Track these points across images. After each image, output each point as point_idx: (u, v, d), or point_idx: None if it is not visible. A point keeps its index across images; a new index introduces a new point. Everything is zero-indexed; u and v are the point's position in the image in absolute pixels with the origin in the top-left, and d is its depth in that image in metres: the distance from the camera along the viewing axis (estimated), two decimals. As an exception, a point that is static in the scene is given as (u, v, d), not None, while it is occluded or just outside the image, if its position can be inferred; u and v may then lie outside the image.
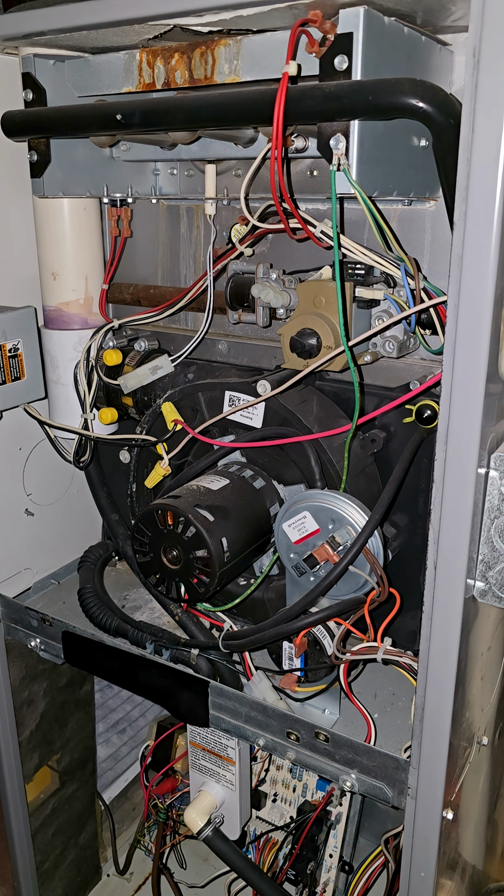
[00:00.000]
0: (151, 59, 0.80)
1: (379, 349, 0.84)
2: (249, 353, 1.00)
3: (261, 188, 0.92)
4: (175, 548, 0.84)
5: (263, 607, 0.98)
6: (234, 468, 0.93)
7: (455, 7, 0.69)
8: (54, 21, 0.77)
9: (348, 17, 0.64)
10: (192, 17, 0.70)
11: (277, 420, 0.89)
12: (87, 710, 1.35)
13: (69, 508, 1.22)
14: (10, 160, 0.98)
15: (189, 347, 0.99)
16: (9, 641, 1.14)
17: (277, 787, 1.22)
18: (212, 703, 0.92)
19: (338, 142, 0.66)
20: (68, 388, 1.04)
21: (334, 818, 1.16)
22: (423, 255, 0.88)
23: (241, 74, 0.76)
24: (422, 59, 0.76)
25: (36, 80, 0.86)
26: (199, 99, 0.74)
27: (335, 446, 0.87)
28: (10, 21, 0.81)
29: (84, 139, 0.92)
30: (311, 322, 0.81)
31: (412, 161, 0.77)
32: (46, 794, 1.29)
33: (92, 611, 1.05)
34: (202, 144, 0.92)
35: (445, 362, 0.62)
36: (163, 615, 1.09)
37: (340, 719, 0.91)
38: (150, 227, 1.10)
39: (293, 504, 0.82)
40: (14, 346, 0.98)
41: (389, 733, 0.89)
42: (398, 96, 0.62)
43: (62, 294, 1.01)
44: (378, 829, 1.28)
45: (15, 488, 1.12)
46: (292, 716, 0.86)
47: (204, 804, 1.05)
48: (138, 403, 1.01)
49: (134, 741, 1.58)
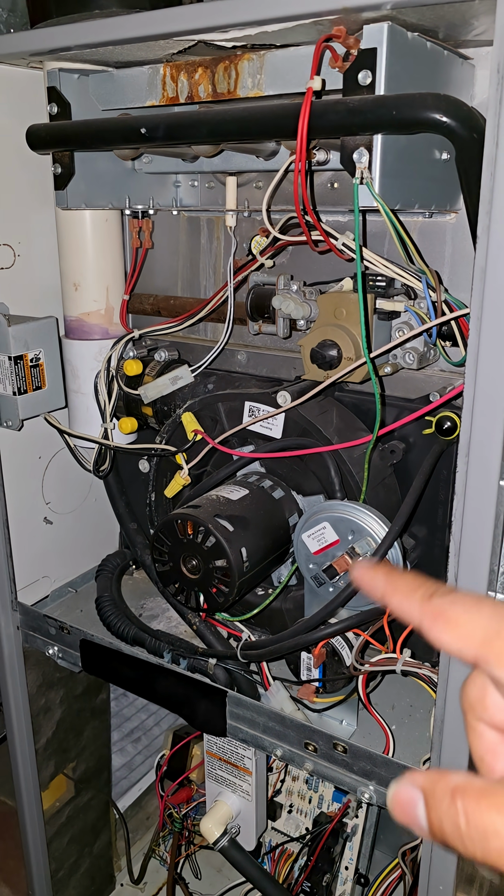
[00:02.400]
0: (175, 73, 0.81)
1: (399, 360, 0.84)
2: (268, 364, 1.00)
3: (282, 200, 0.93)
4: (194, 557, 0.84)
5: (281, 617, 0.98)
6: (254, 478, 0.94)
7: (478, 22, 0.70)
8: (81, 36, 0.78)
9: (372, 33, 0.65)
10: (217, 33, 0.71)
11: (297, 431, 0.90)
12: (103, 718, 1.35)
13: (87, 517, 1.23)
14: (32, 172, 1.00)
15: (209, 358, 0.99)
16: (26, 649, 1.14)
17: (293, 798, 1.22)
18: (229, 712, 0.92)
19: (361, 155, 0.67)
20: (88, 397, 1.04)
21: (350, 830, 1.15)
22: (443, 268, 0.89)
23: (263, 89, 0.76)
24: (444, 74, 0.76)
25: (61, 94, 0.87)
26: (223, 113, 0.74)
27: (355, 457, 0.87)
28: (38, 37, 0.82)
29: (107, 152, 0.93)
30: (332, 333, 0.82)
31: (433, 174, 0.77)
32: (62, 803, 1.30)
33: (109, 619, 1.06)
34: (224, 157, 0.93)
35: (468, 374, 0.63)
36: (180, 624, 1.09)
37: (358, 730, 0.91)
38: (171, 239, 1.11)
39: (313, 515, 0.83)
40: (36, 355, 0.99)
41: (407, 745, 0.88)
42: (422, 111, 0.63)
43: (83, 304, 1.02)
44: (393, 841, 1.27)
45: (34, 497, 1.13)
46: (310, 726, 0.86)
47: (220, 814, 1.05)
48: (158, 413, 1.02)
49: (148, 750, 1.58)
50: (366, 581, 0.35)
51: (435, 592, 0.31)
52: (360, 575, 0.35)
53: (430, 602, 0.31)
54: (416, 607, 0.32)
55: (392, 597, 0.33)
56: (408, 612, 0.32)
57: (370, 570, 0.35)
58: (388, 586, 0.33)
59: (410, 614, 0.32)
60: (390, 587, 0.33)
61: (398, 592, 0.33)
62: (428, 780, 0.29)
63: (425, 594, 0.32)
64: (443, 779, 0.28)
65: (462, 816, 0.27)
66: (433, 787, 0.28)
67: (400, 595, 0.33)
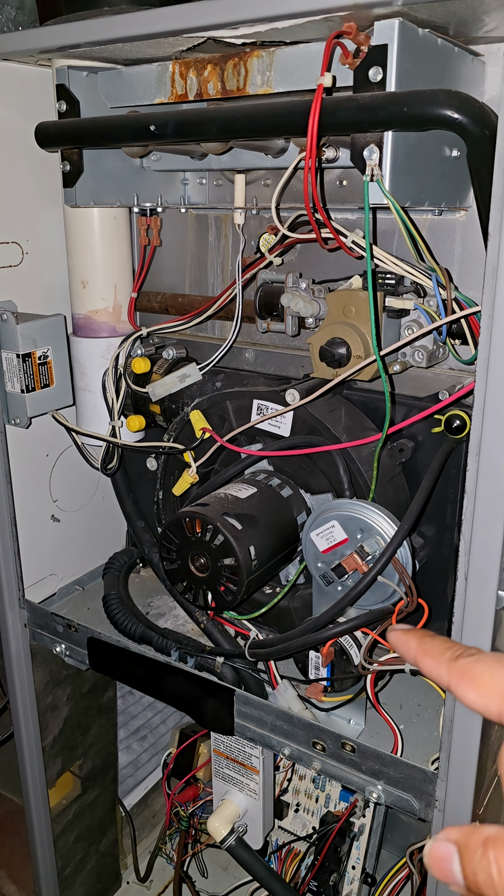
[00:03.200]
0: (184, 70, 0.81)
1: (408, 359, 0.84)
2: (276, 362, 1.00)
3: (290, 198, 0.93)
4: (203, 555, 0.84)
5: (289, 616, 0.98)
6: (262, 476, 0.93)
7: (489, 18, 0.69)
8: (90, 34, 0.78)
9: (383, 29, 0.64)
10: (227, 30, 0.71)
11: (306, 429, 0.89)
12: (110, 716, 1.35)
13: (94, 515, 1.23)
14: (40, 170, 1.00)
15: (217, 356, 0.99)
16: (34, 647, 1.14)
17: (300, 798, 1.22)
18: (237, 711, 0.91)
19: (371, 152, 0.67)
20: (96, 395, 1.04)
21: (357, 829, 1.15)
22: (452, 265, 0.88)
23: (273, 86, 0.76)
24: (454, 70, 0.76)
25: (70, 92, 0.87)
26: (234, 110, 0.74)
27: (363, 455, 0.87)
28: (48, 34, 0.82)
29: (115, 149, 0.93)
30: (341, 331, 0.81)
31: (443, 171, 0.77)
32: (68, 800, 1.30)
33: (117, 617, 1.06)
34: (233, 155, 0.92)
35: (479, 372, 0.62)
36: (187, 622, 1.09)
37: (366, 730, 0.90)
38: (179, 237, 1.11)
39: (322, 513, 0.82)
40: (44, 353, 0.99)
41: (416, 744, 0.88)
42: (433, 107, 0.63)
43: (91, 302, 1.02)
44: (400, 841, 1.27)
45: (42, 495, 1.13)
46: (318, 725, 0.85)
47: (227, 813, 1.05)
48: (166, 411, 1.02)
49: (155, 748, 1.59)
50: (400, 644, 0.38)
51: (462, 654, 0.34)
52: (395, 638, 0.39)
53: (456, 663, 0.34)
54: (444, 668, 0.35)
55: (423, 660, 0.37)
56: (436, 674, 0.35)
57: (404, 634, 0.38)
58: (419, 650, 0.37)
59: (439, 675, 0.35)
60: (421, 650, 0.37)
61: (428, 656, 0.36)
62: (462, 833, 0.30)
63: (452, 656, 0.35)
64: (476, 831, 0.29)
65: (494, 866, 0.28)
66: (467, 841, 0.29)
67: (430, 658, 0.36)
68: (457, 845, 0.30)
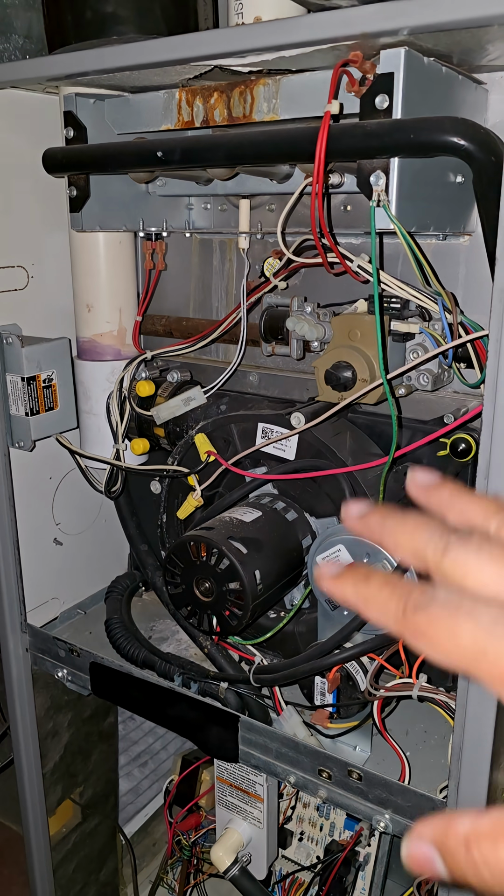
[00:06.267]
0: (190, 97, 0.82)
1: (414, 382, 0.84)
2: (281, 385, 1.00)
3: (294, 223, 0.93)
4: (208, 580, 0.83)
5: (294, 640, 0.97)
6: (266, 500, 0.93)
7: (493, 47, 0.70)
8: (99, 62, 0.79)
9: (389, 58, 0.65)
10: (234, 59, 0.72)
11: (311, 452, 0.89)
12: (111, 742, 1.33)
13: (97, 538, 1.22)
14: (46, 195, 1.01)
15: (222, 379, 0.99)
16: (35, 672, 1.13)
17: (304, 826, 1.20)
18: (241, 738, 0.90)
19: (378, 178, 0.67)
20: (100, 418, 1.04)
21: (363, 859, 1.13)
22: (457, 289, 0.89)
23: (279, 113, 0.77)
24: (458, 98, 0.77)
25: (77, 118, 0.88)
26: (240, 137, 0.75)
27: (369, 479, 0.86)
28: (57, 62, 0.83)
29: (122, 175, 0.94)
30: (347, 355, 0.81)
31: (448, 197, 0.78)
32: (68, 828, 1.28)
33: (119, 642, 1.05)
34: (238, 180, 0.93)
35: (487, 396, 0.62)
36: (190, 647, 1.09)
37: (372, 757, 0.89)
38: (183, 261, 1.12)
39: (328, 537, 0.82)
40: (48, 376, 0.99)
41: (423, 772, 0.87)
42: (440, 134, 0.63)
43: (96, 326, 1.03)
44: (406, 870, 1.25)
45: (44, 517, 1.12)
46: (324, 753, 0.84)
47: (231, 842, 1.03)
48: (170, 434, 1.02)
49: (155, 774, 1.57)
50: (336, 592, 0.32)
51: (409, 604, 0.29)
52: (328, 585, 0.32)
53: (406, 621, 0.29)
54: (393, 623, 0.29)
55: (367, 612, 0.31)
56: (387, 627, 0.30)
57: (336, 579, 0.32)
58: (358, 599, 0.31)
59: (390, 628, 0.30)
60: (361, 600, 0.31)
61: (372, 607, 0.30)
62: (436, 834, 0.28)
63: (398, 609, 0.29)
64: (450, 830, 0.27)
65: (482, 865, 0.26)
66: (444, 842, 0.27)
67: (374, 610, 0.30)
68: (435, 846, 0.27)
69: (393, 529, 0.32)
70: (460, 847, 0.27)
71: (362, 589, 0.31)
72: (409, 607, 0.29)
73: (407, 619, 0.29)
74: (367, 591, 0.31)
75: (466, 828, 0.27)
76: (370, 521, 0.34)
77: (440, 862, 0.27)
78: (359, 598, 0.31)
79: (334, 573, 0.32)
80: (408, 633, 0.29)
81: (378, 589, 0.30)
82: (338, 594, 0.32)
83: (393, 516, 0.33)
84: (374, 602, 0.30)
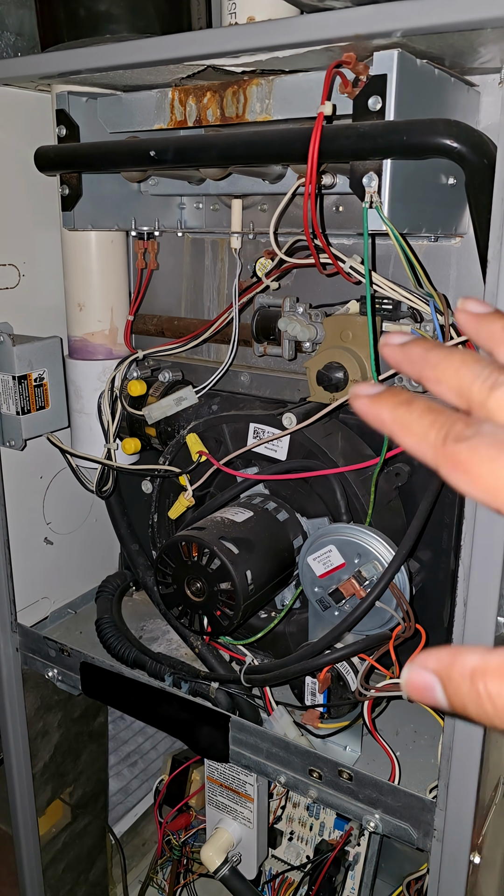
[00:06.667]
0: (183, 97, 0.82)
1: (405, 383, 0.84)
2: (272, 385, 1.00)
3: (287, 223, 0.93)
4: (199, 580, 0.83)
5: (284, 641, 0.97)
6: (258, 500, 0.93)
7: (485, 50, 0.71)
8: (92, 60, 0.79)
9: (382, 60, 0.65)
10: (228, 59, 0.72)
11: (302, 453, 0.89)
12: (101, 741, 1.33)
13: (87, 538, 1.22)
14: (37, 194, 1.00)
15: (214, 379, 0.99)
16: (25, 671, 1.13)
17: (294, 826, 1.20)
18: (232, 738, 0.90)
19: (371, 180, 0.67)
20: (91, 417, 1.04)
21: (352, 858, 1.13)
22: (448, 291, 0.89)
23: (272, 113, 0.77)
24: (450, 100, 0.77)
25: (69, 117, 0.87)
26: (234, 137, 0.75)
27: (360, 480, 0.87)
28: (49, 60, 0.82)
29: (114, 174, 0.94)
30: (339, 356, 0.82)
31: (440, 199, 0.78)
32: (58, 829, 1.28)
33: (110, 641, 1.05)
34: (230, 180, 0.93)
35: (478, 398, 0.62)
36: (180, 647, 1.08)
37: (362, 757, 0.89)
38: (175, 260, 1.11)
39: (319, 537, 0.82)
40: (39, 375, 0.99)
41: (412, 772, 0.87)
42: (432, 136, 0.63)
43: (88, 325, 1.02)
44: (395, 870, 1.25)
45: (35, 517, 1.12)
46: (315, 753, 0.84)
47: (221, 842, 1.03)
48: (161, 434, 1.01)
49: (145, 774, 1.56)
50: (371, 413, 0.30)
51: (451, 434, 0.27)
52: (363, 405, 0.30)
53: (446, 450, 0.27)
54: (431, 452, 0.27)
55: (403, 438, 0.29)
56: (422, 456, 0.28)
57: (374, 399, 0.30)
58: (395, 423, 0.29)
59: (425, 458, 0.28)
60: (399, 425, 0.29)
61: (410, 434, 0.28)
62: (442, 664, 0.27)
63: (439, 437, 0.27)
64: (458, 660, 0.27)
65: (486, 700, 0.26)
66: (449, 672, 0.27)
67: (411, 437, 0.28)
68: (437, 675, 0.27)
69: (437, 362, 0.30)
70: (465, 679, 0.26)
71: (402, 412, 0.29)
72: (452, 436, 0.27)
73: (447, 448, 0.27)
74: (407, 415, 0.29)
75: (475, 662, 0.26)
76: (412, 351, 0.31)
77: (440, 692, 0.27)
78: (396, 422, 0.29)
79: (372, 392, 0.30)
80: (446, 466, 0.27)
81: (420, 414, 0.28)
82: (372, 416, 0.30)
83: (438, 348, 0.30)
84: (414, 428, 0.28)
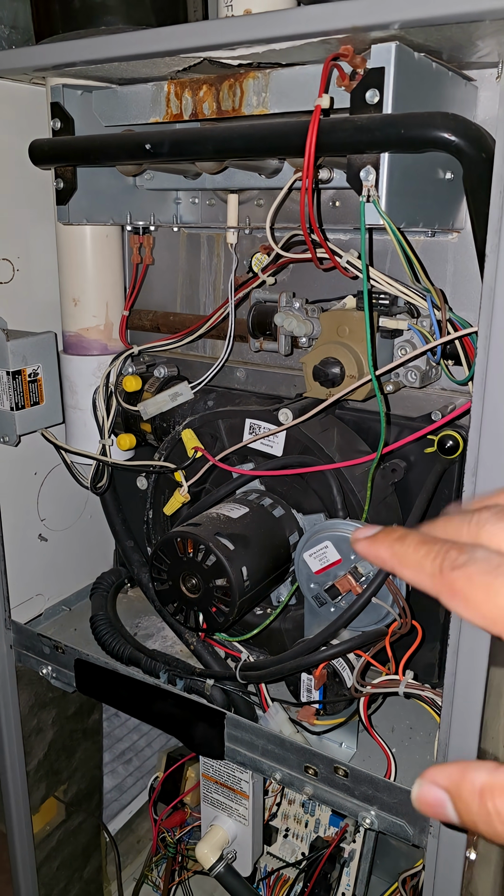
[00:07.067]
0: (179, 90, 0.81)
1: (401, 379, 0.84)
2: (268, 381, 1.00)
3: (283, 218, 0.93)
4: (194, 576, 0.83)
5: (280, 637, 0.97)
6: (254, 496, 0.93)
7: (483, 43, 0.70)
8: (86, 52, 0.78)
9: (380, 53, 0.65)
10: (224, 51, 0.71)
11: (298, 449, 0.89)
12: (95, 739, 1.33)
13: (82, 534, 1.22)
14: (32, 188, 0.99)
15: (210, 374, 0.99)
16: (19, 668, 1.12)
17: (289, 822, 1.20)
18: (227, 735, 0.90)
19: (368, 173, 0.67)
20: (86, 413, 1.03)
21: (347, 855, 1.13)
22: (444, 286, 0.88)
23: (269, 106, 0.76)
24: (448, 94, 0.77)
25: (64, 110, 0.87)
26: (230, 130, 0.74)
27: (357, 475, 0.86)
28: (43, 52, 0.82)
29: (109, 168, 0.93)
30: (335, 351, 0.81)
31: (437, 193, 0.78)
32: (52, 826, 1.27)
33: (104, 638, 1.04)
34: (227, 174, 0.93)
35: (475, 393, 0.62)
36: (175, 643, 1.08)
37: (358, 753, 0.89)
38: (171, 255, 1.11)
39: (315, 533, 0.82)
40: (34, 370, 0.98)
41: (408, 768, 0.87)
42: (431, 130, 0.63)
43: (82, 320, 1.02)
44: (391, 866, 1.25)
45: (29, 513, 1.11)
46: (311, 749, 0.84)
47: (216, 839, 1.03)
48: (157, 430, 1.01)
49: (140, 771, 1.56)
50: (370, 555, 0.32)
51: (445, 563, 0.29)
52: (363, 549, 0.33)
53: (443, 578, 0.29)
54: (429, 582, 0.29)
55: (402, 572, 0.31)
56: (422, 586, 0.30)
57: (370, 544, 0.32)
58: (394, 561, 0.31)
59: (425, 588, 0.30)
60: (397, 559, 0.31)
61: (407, 566, 0.30)
62: (451, 780, 0.28)
63: (435, 567, 0.29)
64: (466, 777, 0.27)
65: (496, 818, 0.26)
66: (458, 790, 0.27)
67: (409, 569, 0.30)
68: (448, 792, 0.28)
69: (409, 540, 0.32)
70: (474, 797, 0.27)
71: (398, 548, 0.31)
72: (447, 566, 0.29)
73: (444, 577, 0.29)
74: (403, 549, 0.31)
75: (483, 779, 0.27)
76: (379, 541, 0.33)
77: (451, 807, 0.28)
78: (394, 558, 0.31)
79: (368, 535, 0.33)
80: (444, 593, 0.29)
81: (415, 548, 0.30)
82: (372, 555, 0.32)
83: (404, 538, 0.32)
84: (410, 561, 0.30)
